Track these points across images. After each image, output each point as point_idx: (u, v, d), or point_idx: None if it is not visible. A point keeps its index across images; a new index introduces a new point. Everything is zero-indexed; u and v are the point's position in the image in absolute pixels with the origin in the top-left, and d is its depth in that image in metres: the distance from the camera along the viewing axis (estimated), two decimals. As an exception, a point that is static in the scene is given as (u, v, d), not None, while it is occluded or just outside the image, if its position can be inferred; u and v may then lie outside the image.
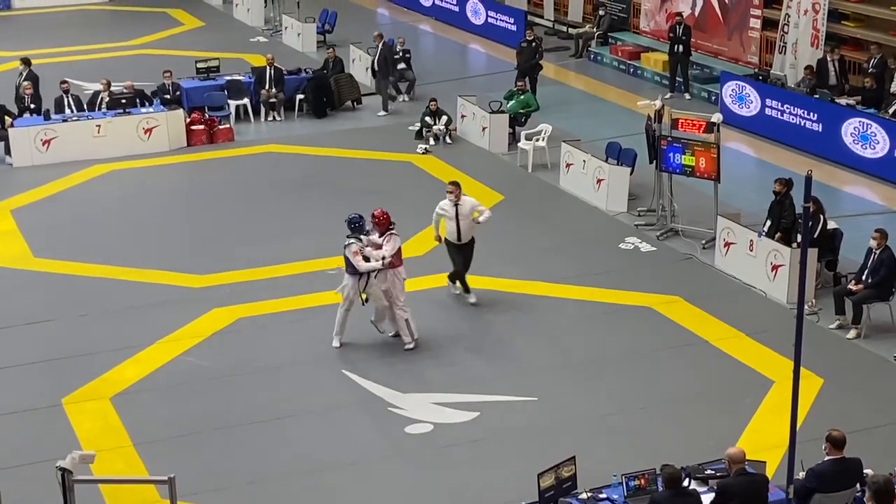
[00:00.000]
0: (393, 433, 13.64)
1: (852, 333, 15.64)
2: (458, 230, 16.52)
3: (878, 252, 15.61)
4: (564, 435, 13.34)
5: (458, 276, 16.87)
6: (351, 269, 15.13)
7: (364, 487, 12.65)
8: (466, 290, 16.85)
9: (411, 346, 15.42)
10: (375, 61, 26.11)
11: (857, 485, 11.02)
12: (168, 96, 24.71)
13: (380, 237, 15.37)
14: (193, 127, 24.04)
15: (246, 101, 25.43)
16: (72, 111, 23.82)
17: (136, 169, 22.80)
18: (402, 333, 15.48)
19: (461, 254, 16.69)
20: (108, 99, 23.93)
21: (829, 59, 23.21)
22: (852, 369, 14.90)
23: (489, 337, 15.87)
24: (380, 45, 25.91)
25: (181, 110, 24.21)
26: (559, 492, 10.88)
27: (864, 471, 11.07)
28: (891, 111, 21.62)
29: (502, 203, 20.61)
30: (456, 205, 16.45)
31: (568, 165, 21.26)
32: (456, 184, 16.73)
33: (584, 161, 20.78)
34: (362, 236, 15.31)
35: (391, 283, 15.29)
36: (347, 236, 15.24)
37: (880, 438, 13.07)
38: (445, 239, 16.72)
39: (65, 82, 24.44)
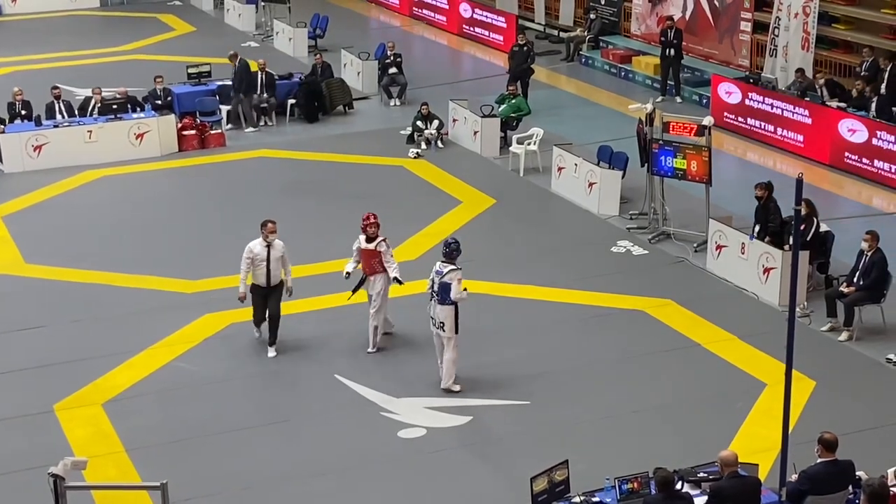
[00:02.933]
0: (386, 438, 13.63)
1: (844, 336, 15.65)
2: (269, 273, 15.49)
3: (869, 254, 15.63)
4: (557, 438, 13.34)
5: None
6: (445, 297, 14.19)
7: (357, 493, 12.63)
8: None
9: (373, 350, 15.49)
10: (233, 80, 25.35)
11: (850, 487, 11.04)
12: (159, 102, 24.68)
13: (369, 242, 15.29)
14: (185, 132, 24.02)
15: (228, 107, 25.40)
16: (63, 117, 23.79)
17: (128, 175, 22.78)
18: (372, 336, 15.50)
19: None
20: (99, 105, 23.91)
21: (816, 84, 23.19)
22: (844, 371, 14.92)
23: (481, 341, 15.84)
24: (236, 65, 25.32)
25: (172, 116, 24.19)
26: (552, 495, 10.88)
27: (857, 473, 11.08)
28: (871, 111, 21.67)
29: (494, 207, 20.63)
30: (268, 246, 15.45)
31: (560, 169, 21.27)
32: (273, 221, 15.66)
33: (576, 165, 20.80)
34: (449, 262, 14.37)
35: (383, 286, 15.37)
36: (444, 262, 14.27)
37: (872, 440, 13.08)
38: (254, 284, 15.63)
39: (56, 88, 24.40)
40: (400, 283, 15.38)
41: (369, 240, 15.30)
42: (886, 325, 15.68)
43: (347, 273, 15.43)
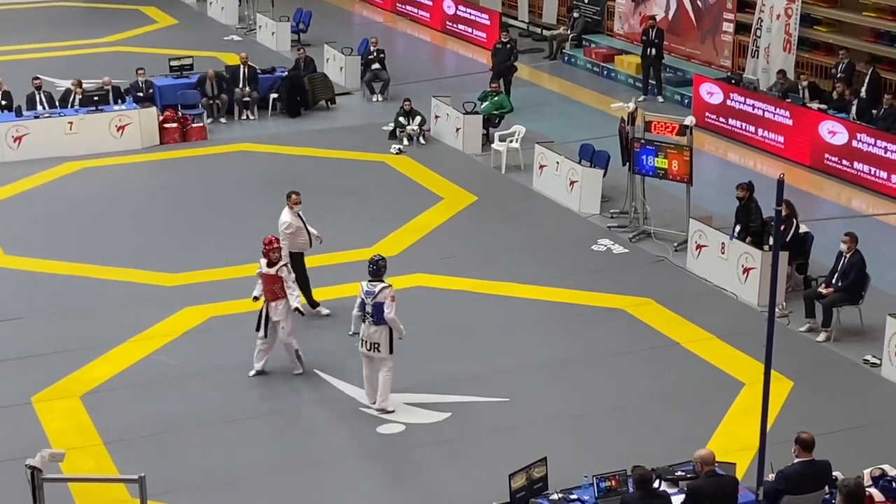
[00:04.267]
0: (364, 433, 13.63)
1: (822, 336, 15.73)
2: (310, 237, 16.25)
3: (848, 256, 15.70)
4: (536, 436, 13.37)
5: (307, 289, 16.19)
6: (379, 317, 13.62)
7: (335, 488, 12.63)
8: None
9: (300, 371, 14.84)
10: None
11: (826, 487, 11.09)
12: (141, 94, 24.63)
13: (270, 266, 14.55)
14: (166, 125, 23.96)
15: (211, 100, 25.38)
16: (44, 108, 23.70)
17: (109, 167, 22.71)
18: (293, 361, 14.85)
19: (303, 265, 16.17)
20: (80, 96, 23.82)
21: (799, 85, 23.28)
22: (822, 372, 14.99)
23: (461, 338, 15.87)
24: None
25: (154, 108, 24.14)
26: (530, 492, 10.91)
27: (834, 473, 11.14)
28: (852, 114, 21.77)
29: (475, 204, 20.64)
30: (299, 214, 16.12)
31: (541, 167, 21.30)
32: (298, 192, 16.29)
33: (558, 163, 20.83)
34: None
35: (287, 310, 14.63)
36: (372, 281, 13.83)
37: (849, 441, 13.15)
38: (292, 253, 15.88)
39: (37, 79, 24.31)
40: (302, 314, 14.75)
41: (270, 264, 14.54)
42: (864, 326, 15.76)
43: (255, 297, 14.77)
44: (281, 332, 14.63)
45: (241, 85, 25.53)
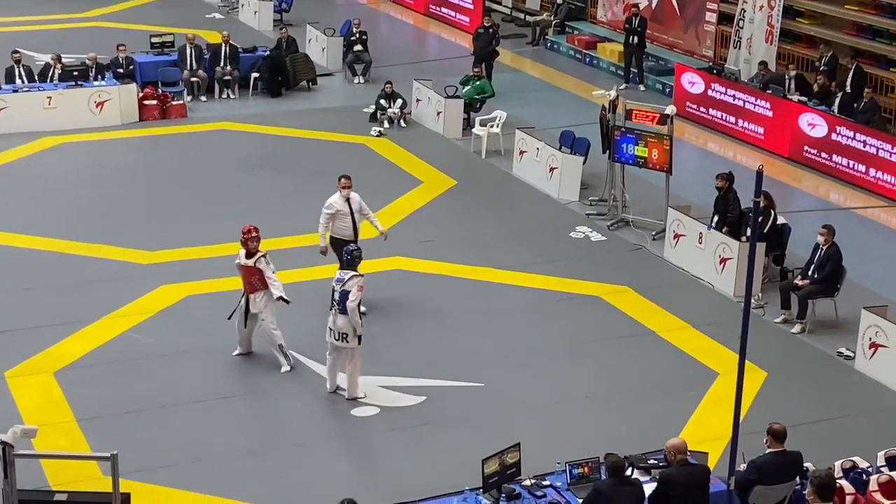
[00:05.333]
0: (339, 416, 13.62)
1: (797, 328, 15.79)
2: (354, 226, 15.72)
3: (824, 248, 15.76)
4: (510, 421, 13.38)
5: None
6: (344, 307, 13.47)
7: (308, 469, 12.62)
8: None
9: (288, 368, 14.51)
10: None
11: (797, 478, 11.16)
12: (121, 70, 24.49)
13: (248, 257, 14.25)
14: (146, 102, 23.85)
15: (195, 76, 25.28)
16: (23, 82, 23.55)
17: (87, 142, 22.59)
18: (278, 356, 14.54)
19: None
20: (59, 71, 23.67)
21: (786, 76, 23.33)
22: (796, 364, 15.05)
23: (437, 322, 15.87)
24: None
25: (134, 85, 24.02)
26: (503, 478, 10.92)
27: (805, 464, 11.20)
28: (835, 107, 21.82)
29: (455, 188, 20.63)
30: (347, 199, 15.67)
31: (521, 153, 21.29)
32: (348, 177, 15.87)
33: (538, 149, 20.82)
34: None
35: (267, 302, 14.38)
36: (344, 269, 13.76)
37: (821, 433, 13.22)
38: (333, 238, 15.73)
39: (16, 52, 24.13)
40: (287, 302, 14.29)
41: (249, 255, 14.22)
42: (839, 318, 15.83)
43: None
44: (263, 325, 14.43)
45: (222, 63, 25.42)
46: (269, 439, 13.18)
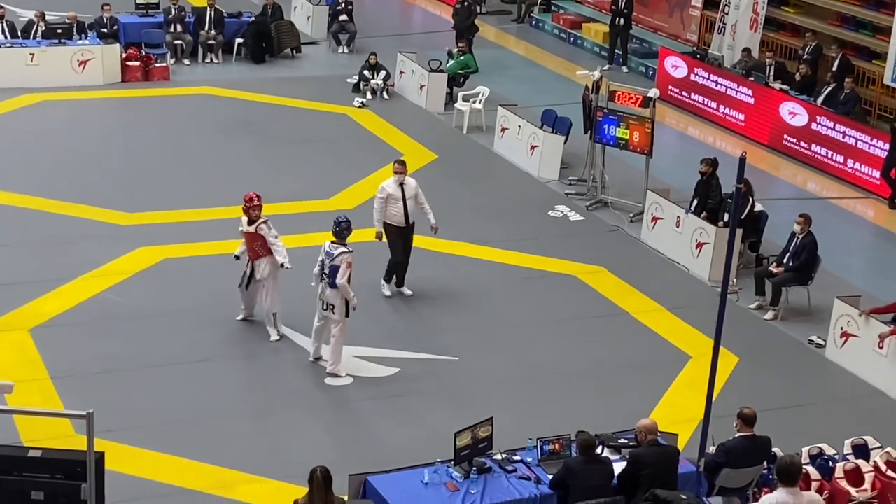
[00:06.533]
0: (313, 384, 13.67)
1: (770, 315, 15.93)
2: (406, 212, 15.59)
3: (800, 237, 15.87)
4: (482, 396, 13.47)
5: (397, 268, 15.84)
6: (335, 280, 13.45)
7: (280, 436, 12.68)
8: (401, 283, 15.93)
9: (276, 338, 14.49)
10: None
11: (765, 462, 11.29)
12: (105, 30, 24.38)
13: (250, 224, 14.24)
14: (129, 63, 23.75)
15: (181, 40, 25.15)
16: (5, 37, 23.41)
17: (69, 101, 22.49)
18: (270, 326, 14.57)
19: (404, 238, 15.77)
20: (43, 28, 23.54)
21: (766, 62, 23.39)
22: (767, 350, 15.18)
23: (414, 295, 15.91)
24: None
25: (118, 45, 23.91)
26: (475, 451, 10.99)
27: (773, 449, 11.33)
28: (819, 100, 21.92)
29: (435, 162, 20.66)
30: (401, 185, 15.58)
31: (503, 129, 21.33)
32: (403, 162, 15.84)
33: (520, 126, 20.86)
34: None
35: (271, 270, 14.40)
36: (335, 242, 13.66)
37: (790, 418, 13.35)
38: (386, 224, 15.59)
39: (0, 7, 23.97)
40: (287, 267, 14.27)
41: (250, 222, 14.24)
42: (812, 307, 15.97)
43: (237, 256, 14.58)
44: (263, 291, 14.40)
45: (206, 27, 25.32)
46: (241, 405, 13.22)
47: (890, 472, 11.86)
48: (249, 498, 11.60)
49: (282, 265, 14.29)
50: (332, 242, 13.65)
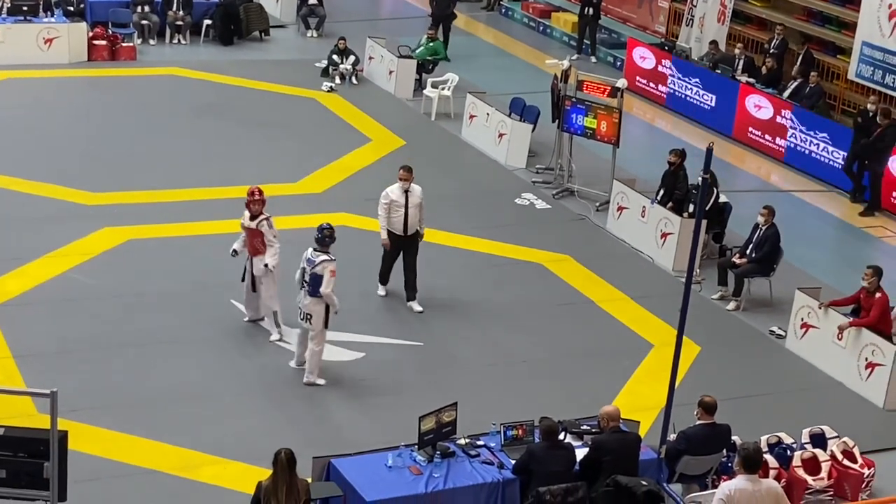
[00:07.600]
0: (278, 368, 13.67)
1: (732, 305, 16.05)
2: (406, 221, 15.06)
3: (764, 228, 16.00)
4: (447, 381, 13.53)
5: (405, 280, 15.31)
6: (315, 288, 13.11)
7: (245, 419, 12.67)
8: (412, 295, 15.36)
9: (276, 338, 14.25)
10: None
11: (725, 450, 11.41)
12: (71, 8, 24.21)
13: (252, 220, 13.98)
14: (96, 42, 23.61)
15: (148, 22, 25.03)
16: (-30, 14, 23.23)
17: (34, 79, 22.34)
18: (270, 325, 14.35)
19: (399, 248, 15.22)
20: (8, 5, 23.36)
21: (736, 56, 23.52)
22: (729, 340, 15.30)
23: (378, 280, 15.91)
24: None
25: (84, 23, 23.76)
26: (438, 436, 11.05)
27: (733, 438, 11.45)
28: (785, 94, 22.07)
29: (403, 148, 20.66)
30: (406, 192, 15.08)
31: (471, 117, 21.36)
32: (409, 168, 15.28)
33: (488, 114, 20.91)
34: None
35: (265, 269, 14.07)
36: (317, 250, 13.19)
37: (750, 408, 13.47)
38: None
39: (-35, -16, 23.80)
40: (271, 269, 13.89)
41: (252, 218, 13.96)
42: (773, 298, 16.11)
43: (234, 251, 14.22)
44: (260, 289, 14.21)
45: (174, 8, 25.20)
46: (206, 386, 13.20)
47: (846, 462, 12.05)
48: (213, 479, 11.61)
49: (265, 265, 13.94)
50: (315, 250, 13.13)
